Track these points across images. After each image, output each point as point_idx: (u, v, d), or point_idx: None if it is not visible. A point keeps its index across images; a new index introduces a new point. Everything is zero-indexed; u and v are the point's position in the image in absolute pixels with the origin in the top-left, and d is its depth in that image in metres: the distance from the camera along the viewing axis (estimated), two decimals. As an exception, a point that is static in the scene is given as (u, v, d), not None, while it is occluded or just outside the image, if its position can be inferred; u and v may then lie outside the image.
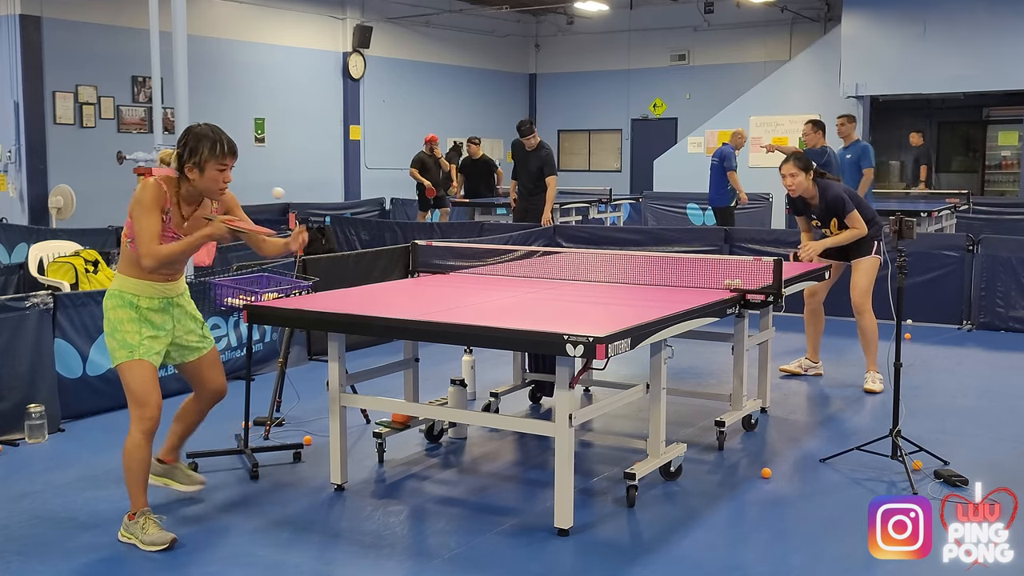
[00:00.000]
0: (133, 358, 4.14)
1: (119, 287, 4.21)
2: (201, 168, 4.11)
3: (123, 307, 4.17)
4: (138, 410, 4.15)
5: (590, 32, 22.00)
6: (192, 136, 4.14)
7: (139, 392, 4.14)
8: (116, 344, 4.16)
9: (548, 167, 11.17)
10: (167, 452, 4.63)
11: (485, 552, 4.16)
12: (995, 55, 15.91)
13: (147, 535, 4.14)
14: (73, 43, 14.31)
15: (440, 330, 4.39)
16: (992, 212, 14.59)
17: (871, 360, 6.89)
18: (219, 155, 4.13)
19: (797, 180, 6.53)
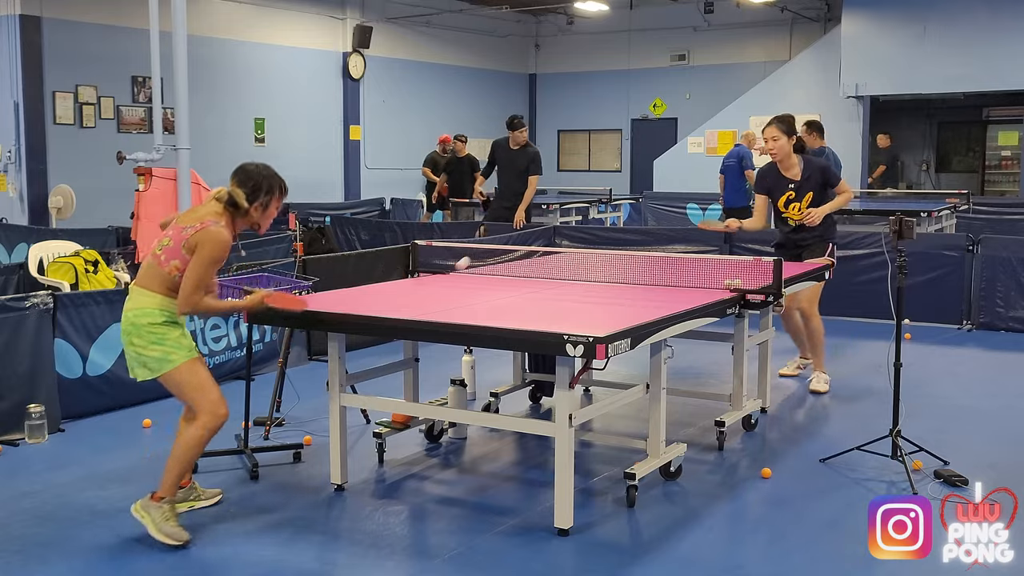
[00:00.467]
0: (193, 355, 4.25)
1: (159, 305, 4.21)
2: (266, 206, 4.35)
3: (165, 324, 4.22)
4: (208, 405, 4.22)
5: (590, 32, 22.00)
6: (262, 178, 4.33)
7: (210, 385, 4.26)
8: (170, 347, 4.20)
9: (535, 166, 10.68)
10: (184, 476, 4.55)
11: (485, 552, 4.16)
12: (995, 55, 15.91)
13: (168, 525, 4.18)
14: (73, 43, 14.30)
15: (440, 330, 4.39)
16: (992, 212, 14.59)
17: (818, 361, 6.86)
18: (283, 194, 4.43)
19: (779, 143, 6.46)
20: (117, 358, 6.30)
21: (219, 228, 4.19)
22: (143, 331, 4.20)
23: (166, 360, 4.20)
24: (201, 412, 4.23)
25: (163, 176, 8.06)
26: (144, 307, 4.22)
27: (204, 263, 4.15)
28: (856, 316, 9.24)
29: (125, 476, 5.06)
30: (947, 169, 20.97)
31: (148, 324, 4.19)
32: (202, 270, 4.15)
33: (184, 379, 4.22)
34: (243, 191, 4.27)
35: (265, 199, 4.31)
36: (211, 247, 4.15)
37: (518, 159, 10.67)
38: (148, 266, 4.28)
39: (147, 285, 4.25)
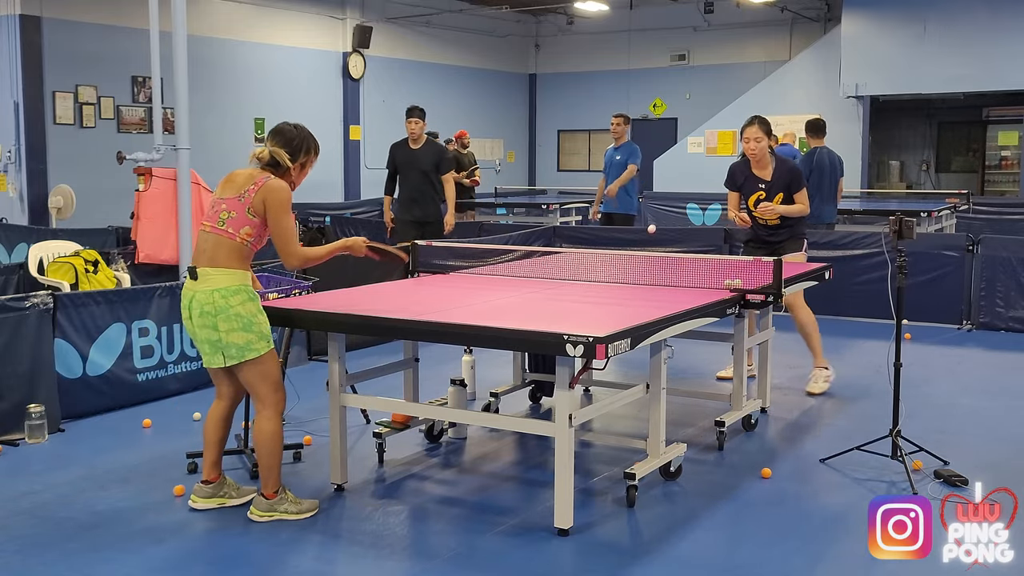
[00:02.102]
0: (271, 347, 4.33)
1: (242, 282, 4.27)
2: (304, 165, 4.47)
3: (252, 300, 4.30)
4: (276, 395, 4.38)
5: (590, 32, 22.00)
6: (302, 137, 4.45)
7: (278, 378, 4.41)
8: (255, 336, 4.26)
9: (445, 163, 9.28)
10: (211, 471, 4.58)
11: (485, 552, 4.16)
12: (995, 55, 15.91)
13: (300, 505, 4.42)
14: (73, 43, 14.30)
15: (440, 330, 4.39)
16: (992, 212, 14.59)
17: (816, 353, 6.77)
18: (317, 154, 4.55)
19: (762, 144, 6.54)
20: (117, 358, 6.30)
21: (275, 179, 4.30)
22: (231, 314, 4.21)
23: (250, 348, 4.26)
24: (268, 404, 4.35)
25: (163, 176, 8.06)
26: (229, 285, 4.23)
27: (283, 212, 4.27)
28: (856, 316, 9.24)
29: (125, 476, 5.06)
30: (947, 169, 20.97)
31: (239, 303, 4.22)
32: (284, 220, 4.28)
33: (263, 367, 4.32)
34: (285, 151, 4.36)
35: (304, 158, 4.44)
36: (281, 196, 4.26)
37: (421, 159, 9.18)
38: (216, 243, 4.27)
39: (223, 262, 4.25)
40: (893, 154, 20.84)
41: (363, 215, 15.61)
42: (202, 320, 4.26)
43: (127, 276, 8.35)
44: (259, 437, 4.37)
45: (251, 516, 4.42)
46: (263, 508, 4.40)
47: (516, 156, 23.10)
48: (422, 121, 9.20)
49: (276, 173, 4.36)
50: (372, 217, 15.75)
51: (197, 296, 4.26)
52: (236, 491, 4.63)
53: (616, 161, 10.80)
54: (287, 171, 4.40)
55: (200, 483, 4.57)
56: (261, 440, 4.37)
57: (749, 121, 6.63)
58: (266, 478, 4.41)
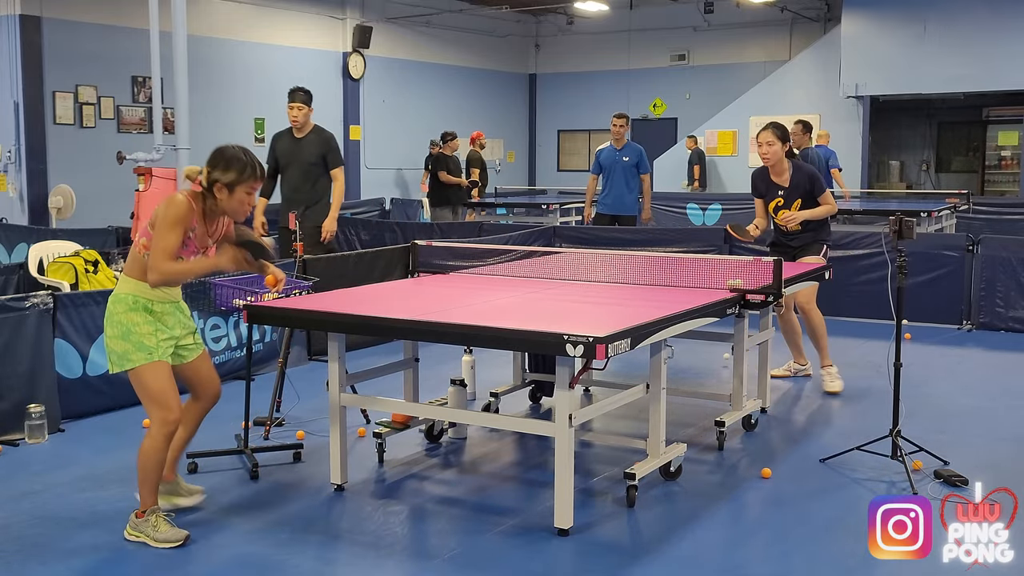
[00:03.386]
0: (152, 359, 4.15)
1: (132, 291, 4.18)
2: (231, 190, 4.15)
3: (136, 311, 4.16)
4: (160, 412, 4.16)
5: (590, 32, 22.01)
6: (225, 158, 4.16)
7: (160, 394, 4.16)
8: (131, 347, 4.13)
9: (334, 155, 7.95)
10: (168, 470, 4.51)
11: (485, 552, 4.16)
12: (995, 55, 15.92)
13: (160, 532, 4.15)
14: (73, 43, 14.31)
15: (440, 330, 4.39)
16: (992, 212, 14.59)
17: (823, 354, 6.82)
18: (249, 179, 4.17)
19: (774, 148, 6.52)
20: (117, 358, 6.30)
21: (176, 194, 4.13)
22: (113, 319, 4.16)
23: (126, 358, 4.16)
24: (152, 419, 4.19)
25: (163, 176, 8.07)
26: (119, 292, 4.21)
27: (163, 226, 4.05)
28: (856, 316, 9.24)
29: (125, 476, 5.05)
30: (947, 169, 20.98)
31: (120, 312, 4.15)
32: (162, 233, 4.04)
33: (141, 381, 4.17)
34: (207, 169, 4.14)
35: (228, 181, 4.11)
36: (166, 210, 4.07)
37: (304, 151, 7.92)
38: (131, 251, 4.27)
39: (126, 271, 4.23)
40: (893, 154, 20.86)
41: (363, 215, 15.61)
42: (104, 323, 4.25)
43: (127, 276, 8.34)
44: (139, 453, 4.20)
45: (125, 533, 4.24)
46: (131, 526, 4.24)
47: (516, 156, 23.11)
48: (307, 107, 7.92)
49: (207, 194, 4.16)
50: (372, 217, 15.77)
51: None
52: (187, 492, 4.58)
53: (623, 163, 10.69)
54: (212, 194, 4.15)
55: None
56: (139, 456, 4.19)
57: (764, 127, 6.62)
58: (140, 495, 4.23)
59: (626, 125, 10.73)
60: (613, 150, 10.73)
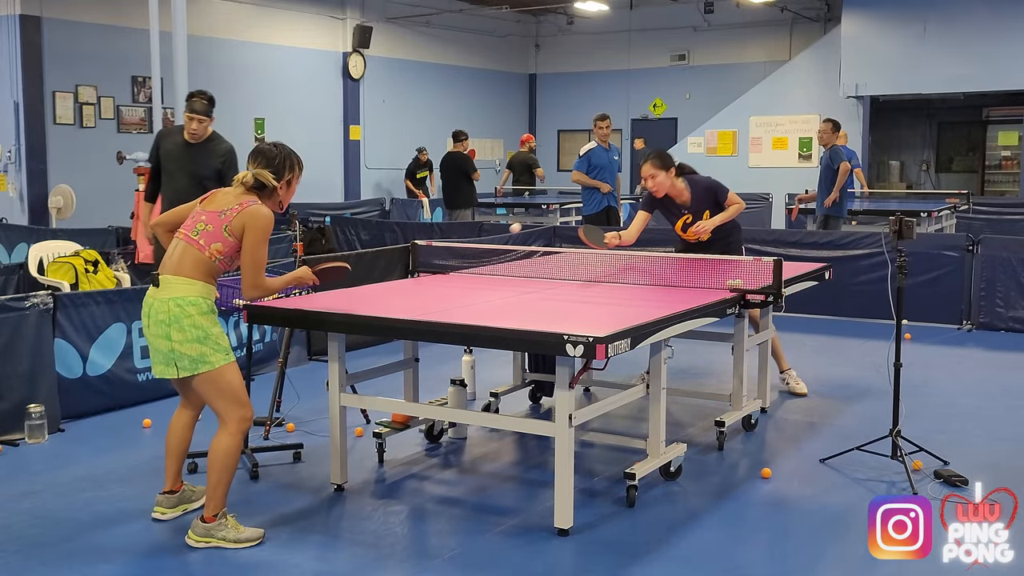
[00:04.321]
0: (230, 360, 4.18)
1: (200, 293, 4.15)
2: (289, 183, 4.39)
3: (209, 313, 4.18)
4: (241, 410, 4.20)
5: (590, 32, 22.00)
6: (284, 155, 4.35)
7: (240, 392, 4.22)
8: (210, 349, 4.12)
9: (233, 172, 6.59)
10: (175, 480, 4.50)
11: (485, 552, 4.16)
12: (995, 55, 15.92)
13: (240, 534, 4.18)
14: (73, 43, 14.31)
15: (440, 330, 4.39)
16: (992, 212, 14.59)
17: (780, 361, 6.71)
18: (301, 170, 4.45)
19: (658, 180, 6.30)
20: (117, 358, 6.30)
21: (260, 206, 4.22)
22: (185, 324, 4.09)
23: (203, 361, 4.11)
24: (229, 420, 4.17)
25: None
26: (187, 296, 4.12)
27: (259, 242, 4.19)
28: (856, 316, 9.24)
29: (125, 476, 5.06)
30: (947, 169, 20.98)
31: (195, 315, 4.10)
32: (259, 248, 4.19)
33: (222, 380, 4.15)
34: (269, 171, 4.28)
35: (288, 176, 4.36)
36: (262, 224, 4.19)
37: (199, 160, 6.87)
38: (184, 252, 4.17)
39: (186, 272, 4.14)
40: (893, 154, 20.86)
41: (363, 215, 15.62)
42: (156, 329, 4.13)
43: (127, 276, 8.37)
44: (212, 452, 4.17)
45: (187, 540, 4.19)
46: (199, 532, 4.18)
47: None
48: (208, 118, 6.90)
49: (262, 195, 4.28)
50: (372, 217, 15.78)
51: (155, 304, 4.15)
52: (194, 494, 4.56)
53: (614, 162, 10.91)
54: (273, 191, 4.31)
55: (163, 494, 4.48)
56: (213, 455, 4.16)
57: (644, 160, 6.40)
58: (209, 498, 4.19)
59: (611, 125, 10.92)
60: (603, 150, 10.85)
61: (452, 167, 13.34)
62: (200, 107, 6.79)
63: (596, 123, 10.86)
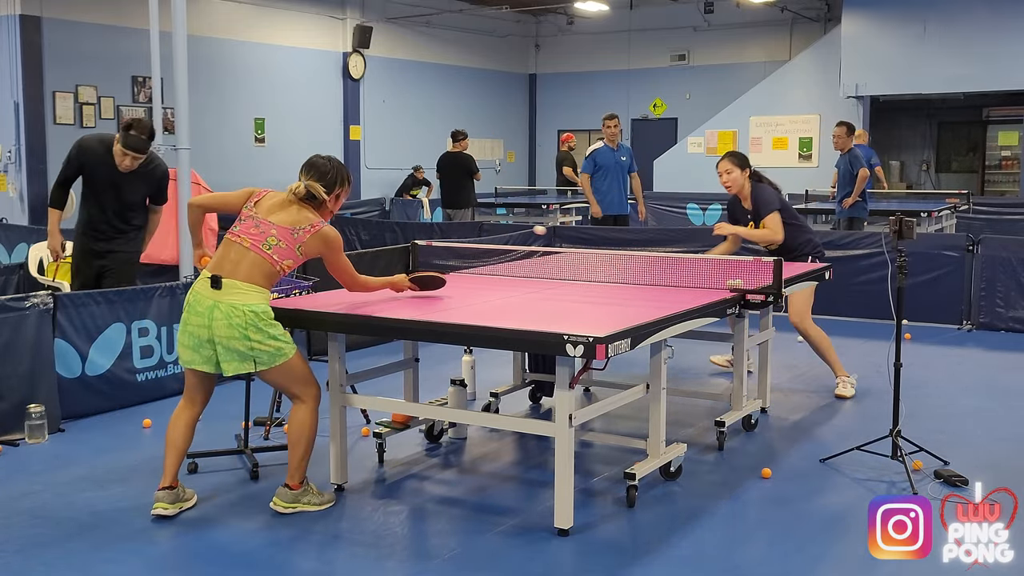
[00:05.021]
0: (295, 348, 4.51)
1: (266, 299, 4.46)
2: (339, 197, 4.66)
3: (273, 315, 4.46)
4: (314, 389, 4.55)
5: (590, 32, 22.00)
6: (335, 170, 4.61)
7: (310, 373, 4.58)
8: (282, 342, 4.43)
9: (163, 195, 6.74)
10: (173, 477, 4.54)
11: (485, 552, 4.16)
12: (995, 55, 15.92)
13: (321, 497, 4.61)
14: (73, 43, 14.31)
15: (440, 330, 4.39)
16: (992, 212, 14.59)
17: (836, 367, 6.73)
18: (350, 184, 4.76)
19: (732, 176, 6.51)
20: (117, 358, 6.30)
21: (329, 227, 4.55)
22: (262, 326, 4.36)
23: (279, 353, 4.40)
24: (307, 397, 4.52)
25: (163, 176, 8.04)
26: (260, 303, 4.40)
27: (341, 255, 4.60)
28: (856, 316, 9.24)
29: (125, 476, 5.06)
30: (947, 169, 20.98)
31: (268, 320, 4.39)
32: (345, 261, 4.64)
33: (295, 367, 4.47)
34: (321, 185, 4.51)
35: (339, 191, 4.61)
36: (336, 244, 4.57)
37: (129, 185, 6.51)
38: (255, 263, 4.41)
39: (256, 280, 4.42)
40: (893, 154, 20.86)
41: (363, 215, 15.63)
42: (231, 331, 4.33)
43: (127, 276, 8.33)
44: (296, 427, 4.52)
45: (275, 507, 4.52)
46: (288, 499, 4.53)
47: (516, 156, 23.11)
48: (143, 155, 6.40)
49: (312, 205, 4.53)
50: (372, 217, 15.78)
51: (222, 307, 4.34)
52: (185, 493, 4.61)
53: (620, 163, 10.83)
54: (322, 203, 4.56)
55: (163, 490, 4.50)
56: (298, 430, 4.51)
57: (722, 156, 6.64)
58: (295, 468, 4.53)
59: (619, 124, 10.84)
60: (610, 150, 10.77)
61: (454, 166, 13.20)
62: (137, 145, 6.30)
63: (604, 122, 10.83)
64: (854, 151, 10.77)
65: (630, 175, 10.99)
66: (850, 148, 10.77)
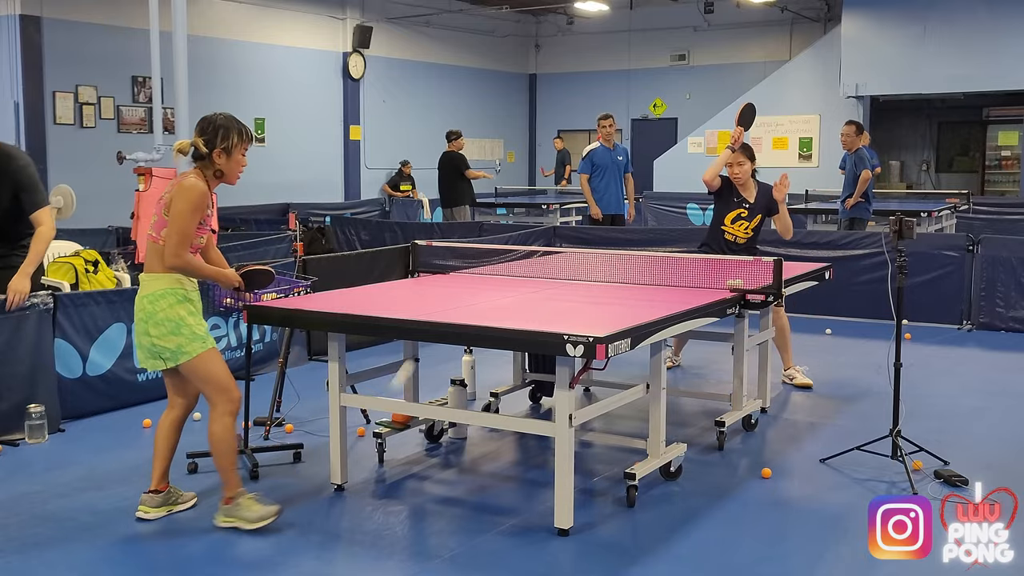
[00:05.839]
0: (207, 347, 4.26)
1: (169, 285, 4.24)
2: (229, 152, 4.32)
3: (180, 303, 4.25)
4: (225, 394, 4.28)
5: (590, 32, 22.00)
6: (218, 123, 4.34)
7: (224, 377, 4.29)
8: (185, 339, 4.22)
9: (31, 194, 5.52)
10: (160, 480, 4.50)
11: (485, 552, 4.16)
12: (995, 55, 15.91)
13: (252, 512, 4.28)
14: (73, 43, 14.30)
15: (440, 330, 4.39)
16: (992, 212, 14.59)
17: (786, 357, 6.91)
18: (245, 140, 4.40)
19: (744, 168, 6.72)
20: (117, 358, 6.30)
21: (187, 178, 4.24)
22: (158, 317, 4.20)
23: (181, 351, 4.22)
24: (216, 403, 4.28)
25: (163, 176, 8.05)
26: (155, 291, 4.23)
27: (181, 213, 4.16)
28: (856, 316, 9.24)
29: (125, 476, 5.06)
30: (947, 169, 20.98)
31: (165, 308, 4.20)
32: (181, 220, 4.16)
33: (203, 368, 4.25)
34: (201, 139, 4.29)
35: (224, 143, 4.30)
36: (184, 195, 4.18)
37: None
38: (149, 250, 4.30)
39: (151, 268, 4.27)
40: (893, 154, 20.85)
41: (363, 215, 15.62)
42: (136, 327, 4.30)
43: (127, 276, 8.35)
44: (209, 439, 4.31)
45: (215, 521, 4.33)
46: (224, 513, 4.34)
47: (516, 156, 23.11)
48: None
49: (204, 166, 4.31)
50: (372, 217, 15.78)
51: (135, 303, 4.31)
52: (181, 497, 4.57)
53: (617, 162, 10.82)
54: (211, 161, 4.30)
55: (148, 493, 4.48)
56: (213, 444, 4.29)
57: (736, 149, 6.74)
58: (223, 483, 4.33)
59: (615, 124, 10.85)
60: (607, 150, 10.77)
61: (446, 166, 13.53)
62: None
63: (599, 122, 10.83)
64: (861, 152, 10.76)
65: (627, 176, 11.00)
66: (858, 148, 10.76)
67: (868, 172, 10.62)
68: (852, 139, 10.74)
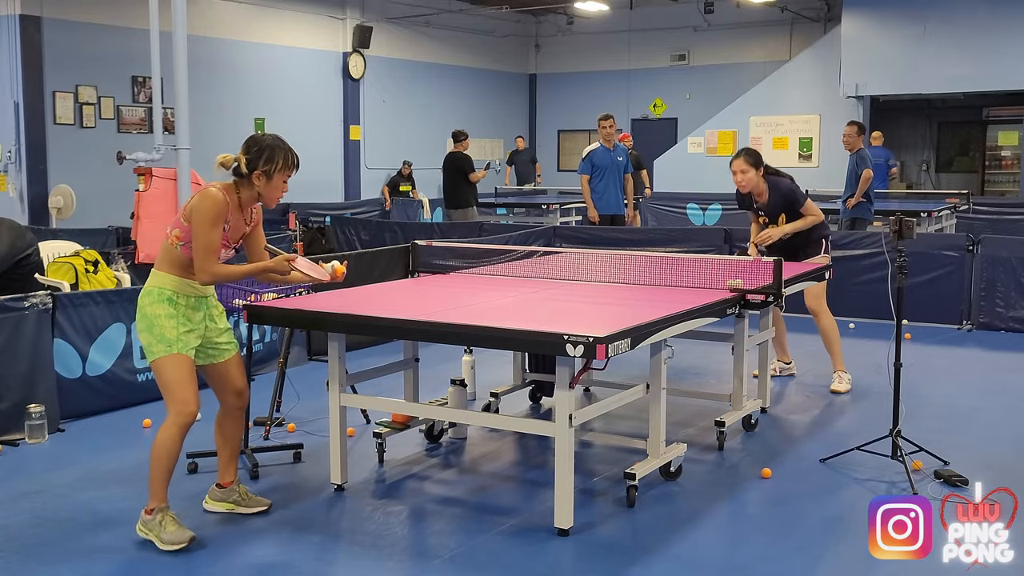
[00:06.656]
0: (171, 352, 4.15)
1: (158, 284, 4.22)
2: (270, 176, 4.22)
3: (161, 303, 4.18)
4: (175, 404, 4.15)
5: (590, 32, 22.00)
6: (265, 145, 4.25)
7: (176, 386, 4.14)
8: (153, 339, 4.15)
9: None
10: (223, 474, 4.53)
11: (485, 552, 4.16)
12: (995, 55, 15.92)
13: (166, 533, 4.12)
14: (73, 43, 14.30)
15: (440, 330, 4.39)
16: (992, 212, 14.60)
17: (836, 360, 6.86)
18: (290, 167, 4.27)
19: (748, 176, 6.55)
20: (117, 358, 6.30)
21: (210, 188, 4.18)
22: (141, 312, 4.21)
23: (149, 350, 4.19)
24: (170, 412, 4.17)
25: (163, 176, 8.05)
26: (148, 286, 4.24)
27: (201, 225, 4.10)
28: (856, 316, 9.23)
29: (125, 476, 5.06)
30: (947, 169, 20.98)
31: (147, 304, 4.19)
32: (201, 232, 4.10)
33: (160, 373, 4.16)
34: (244, 156, 4.22)
35: (267, 167, 4.19)
36: (202, 206, 4.12)
37: None
38: (162, 246, 4.28)
39: (157, 264, 4.27)
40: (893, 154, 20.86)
41: (363, 215, 15.62)
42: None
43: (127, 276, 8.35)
44: (153, 445, 4.16)
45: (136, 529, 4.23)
46: (142, 523, 4.21)
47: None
48: None
49: (241, 183, 4.25)
50: (372, 217, 15.78)
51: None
52: (246, 499, 4.56)
53: (617, 163, 10.83)
54: (249, 182, 4.23)
55: (214, 485, 4.55)
56: (153, 448, 4.16)
57: (736, 155, 6.65)
58: (149, 489, 4.18)
59: (615, 124, 10.84)
60: (606, 151, 10.77)
61: (450, 167, 13.25)
62: None
63: (599, 123, 10.82)
64: (862, 152, 10.74)
65: (626, 176, 11.00)
66: (859, 148, 10.74)
67: (870, 172, 10.61)
68: (854, 139, 10.74)
